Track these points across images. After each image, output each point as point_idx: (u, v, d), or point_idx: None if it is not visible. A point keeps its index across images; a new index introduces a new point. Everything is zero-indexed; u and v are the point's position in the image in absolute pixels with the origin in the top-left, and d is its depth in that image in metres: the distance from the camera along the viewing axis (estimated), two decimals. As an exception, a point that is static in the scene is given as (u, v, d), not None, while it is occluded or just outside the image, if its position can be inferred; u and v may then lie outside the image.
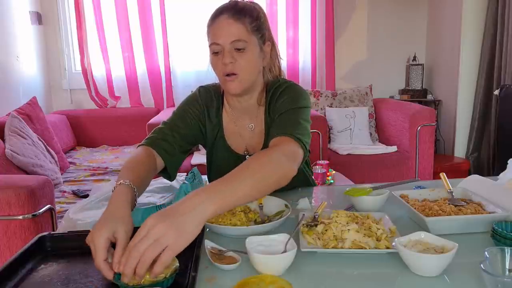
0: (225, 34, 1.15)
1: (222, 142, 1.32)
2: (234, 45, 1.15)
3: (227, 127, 1.32)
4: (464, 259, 0.83)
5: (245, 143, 1.31)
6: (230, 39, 1.14)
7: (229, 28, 1.15)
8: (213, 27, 1.17)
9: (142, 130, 3.05)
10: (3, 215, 1.68)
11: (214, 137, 1.33)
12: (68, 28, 3.72)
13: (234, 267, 0.84)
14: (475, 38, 3.40)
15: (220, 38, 1.15)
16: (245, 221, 1.05)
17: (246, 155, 1.30)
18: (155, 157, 1.17)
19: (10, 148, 2.34)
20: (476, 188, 1.15)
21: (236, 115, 1.32)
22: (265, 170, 0.92)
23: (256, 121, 1.30)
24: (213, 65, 1.21)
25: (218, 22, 1.16)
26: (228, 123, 1.32)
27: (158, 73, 3.69)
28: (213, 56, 1.19)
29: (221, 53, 1.16)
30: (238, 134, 1.32)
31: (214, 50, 1.17)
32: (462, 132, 3.54)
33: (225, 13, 1.16)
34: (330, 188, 1.38)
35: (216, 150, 1.33)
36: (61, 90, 3.78)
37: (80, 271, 0.87)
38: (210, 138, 1.34)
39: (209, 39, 1.19)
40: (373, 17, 3.88)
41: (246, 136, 1.31)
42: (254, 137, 1.30)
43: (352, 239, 0.90)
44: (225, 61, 1.15)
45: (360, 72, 3.92)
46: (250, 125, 1.30)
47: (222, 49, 1.16)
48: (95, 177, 2.77)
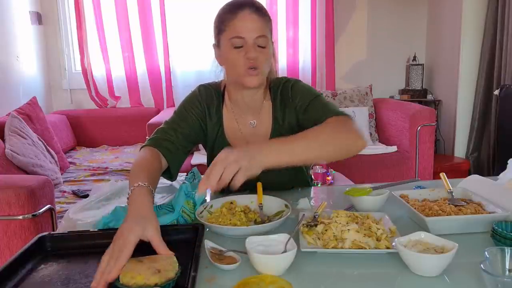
0: (250, 28, 1.14)
1: (223, 140, 1.31)
2: (257, 41, 1.15)
3: (227, 124, 1.32)
4: (464, 259, 0.83)
5: (245, 140, 1.31)
6: (255, 34, 1.15)
7: (254, 23, 1.15)
8: (236, 20, 1.15)
9: (142, 130, 3.06)
10: (3, 215, 1.68)
11: (215, 135, 1.33)
12: (68, 28, 3.72)
13: (234, 267, 0.84)
14: (475, 38, 3.40)
15: (245, 32, 1.14)
16: (245, 221, 1.05)
17: None
18: (160, 158, 1.18)
19: (10, 148, 2.34)
20: (476, 188, 1.15)
21: (237, 111, 1.31)
22: (338, 135, 1.08)
23: (259, 117, 1.30)
24: (231, 59, 1.18)
25: (242, 16, 1.15)
26: (228, 121, 1.32)
27: (158, 73, 3.69)
28: (233, 50, 1.16)
29: (243, 47, 1.15)
30: (239, 131, 1.31)
31: (236, 44, 1.15)
32: (462, 132, 3.54)
33: (248, 8, 1.15)
34: (330, 188, 1.38)
35: (217, 148, 1.31)
36: (61, 90, 3.78)
37: (80, 271, 0.87)
38: (211, 136, 1.33)
39: (226, 32, 1.17)
40: (373, 17, 3.87)
41: (247, 133, 1.31)
42: (256, 133, 1.30)
43: (352, 239, 0.90)
44: (251, 55, 1.14)
45: (360, 72, 3.92)
46: (251, 121, 1.31)
47: (244, 43, 1.15)
48: (95, 177, 2.77)
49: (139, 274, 0.75)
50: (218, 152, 1.08)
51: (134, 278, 0.75)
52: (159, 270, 0.76)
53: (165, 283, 0.75)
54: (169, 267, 0.78)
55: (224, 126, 1.32)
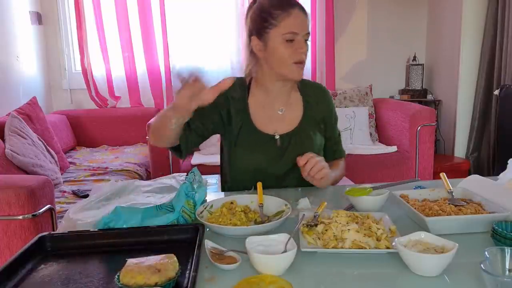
0: (303, 25, 1.29)
1: (249, 124, 1.39)
2: (305, 36, 1.30)
3: (254, 111, 1.41)
4: (464, 259, 0.83)
5: (274, 125, 1.40)
6: (306, 31, 1.30)
7: (305, 21, 1.30)
8: (291, 17, 1.27)
9: (142, 130, 3.05)
10: (3, 215, 1.68)
11: (240, 120, 1.40)
12: (68, 28, 3.72)
13: (234, 267, 0.84)
14: (475, 38, 3.40)
15: (300, 28, 1.28)
16: (245, 221, 1.05)
17: (275, 135, 1.39)
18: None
19: (10, 148, 2.34)
20: (476, 188, 1.15)
21: (266, 99, 1.42)
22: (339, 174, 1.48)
23: (288, 105, 1.43)
24: (280, 53, 1.29)
25: (296, 14, 1.28)
26: (255, 108, 1.41)
27: (158, 73, 3.69)
28: (284, 44, 1.28)
29: (294, 42, 1.28)
30: (267, 118, 1.41)
31: (288, 38, 1.27)
32: (462, 132, 3.54)
33: (298, 7, 1.29)
34: (330, 188, 1.38)
35: (244, 132, 1.39)
36: (61, 90, 3.78)
37: (80, 271, 0.87)
38: (235, 122, 1.40)
39: (278, 27, 1.27)
40: (373, 17, 3.87)
41: (275, 118, 1.41)
42: (284, 119, 1.42)
43: (352, 239, 0.90)
44: (303, 49, 1.29)
45: (360, 72, 3.92)
46: (281, 108, 1.42)
47: (294, 37, 1.28)
48: (95, 177, 2.77)
49: (139, 274, 0.75)
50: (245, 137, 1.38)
51: (134, 278, 0.75)
52: (159, 270, 0.76)
53: (165, 282, 0.75)
54: (169, 266, 0.78)
55: (251, 112, 1.40)
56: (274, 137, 1.38)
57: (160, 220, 1.05)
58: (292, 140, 1.38)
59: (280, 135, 1.39)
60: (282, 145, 1.38)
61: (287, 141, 1.38)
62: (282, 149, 1.38)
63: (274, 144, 1.38)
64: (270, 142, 1.38)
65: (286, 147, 1.38)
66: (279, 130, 1.40)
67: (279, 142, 1.38)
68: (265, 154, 1.37)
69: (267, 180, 1.30)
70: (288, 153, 1.37)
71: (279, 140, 1.38)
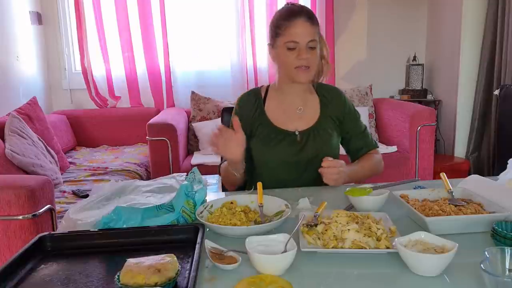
0: (304, 34, 1.38)
1: (268, 123, 1.53)
2: (309, 44, 1.39)
3: (272, 111, 1.54)
4: (464, 259, 0.83)
5: (293, 122, 1.53)
6: (308, 39, 1.39)
7: (307, 29, 1.39)
8: (291, 27, 1.39)
9: (142, 130, 3.05)
10: (3, 215, 1.68)
11: (257, 123, 1.53)
12: (68, 28, 3.72)
13: (234, 267, 0.84)
14: (475, 38, 3.40)
15: (299, 37, 1.38)
16: (245, 221, 1.05)
17: (296, 132, 1.51)
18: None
19: (10, 148, 2.34)
20: (476, 188, 1.15)
21: (285, 101, 1.54)
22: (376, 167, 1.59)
23: (306, 105, 1.55)
24: (284, 58, 1.42)
25: (296, 24, 1.38)
26: (273, 108, 1.55)
27: (158, 73, 3.69)
28: (287, 51, 1.40)
29: (296, 49, 1.39)
30: (287, 117, 1.53)
31: (290, 46, 1.39)
32: (462, 132, 3.54)
33: (302, 16, 1.39)
34: (330, 188, 1.38)
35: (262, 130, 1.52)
36: (61, 90, 3.78)
37: (80, 271, 0.87)
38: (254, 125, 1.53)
39: (282, 36, 1.40)
40: (373, 17, 3.87)
41: (294, 117, 1.53)
42: (303, 117, 1.54)
43: (352, 239, 0.90)
44: (303, 56, 1.38)
45: (360, 72, 3.91)
46: (300, 107, 1.54)
47: (297, 46, 1.39)
48: (95, 177, 2.77)
49: (139, 273, 0.75)
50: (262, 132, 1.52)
51: (134, 278, 0.75)
52: (159, 270, 0.76)
53: (165, 282, 0.75)
54: (169, 266, 0.78)
55: (269, 115, 1.53)
56: (295, 133, 1.51)
57: (160, 220, 1.05)
58: (310, 135, 1.52)
59: (299, 132, 1.51)
60: (301, 140, 1.51)
61: (306, 136, 1.51)
62: (302, 144, 1.51)
63: (295, 140, 1.51)
64: (290, 138, 1.51)
65: (306, 142, 1.51)
66: (299, 127, 1.52)
67: (299, 137, 1.51)
68: (286, 149, 1.50)
69: (291, 171, 1.50)
70: (308, 146, 1.50)
71: (299, 136, 1.51)
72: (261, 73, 3.73)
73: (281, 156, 1.50)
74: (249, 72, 3.70)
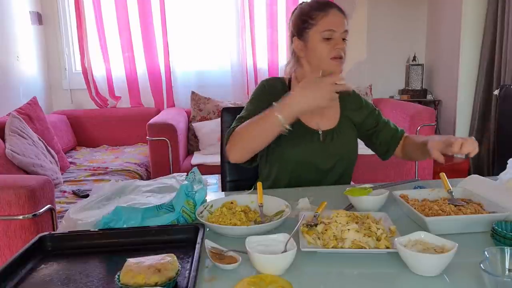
0: (340, 24, 1.38)
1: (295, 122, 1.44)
2: (343, 34, 1.38)
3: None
4: (464, 259, 0.83)
5: (315, 119, 1.48)
6: (343, 29, 1.38)
7: (342, 20, 1.39)
8: (329, 16, 1.37)
9: (142, 130, 3.06)
10: (3, 215, 1.68)
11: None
12: (68, 28, 3.72)
13: (234, 267, 0.84)
14: (475, 38, 3.40)
15: (336, 26, 1.37)
16: (245, 221, 1.05)
17: (318, 130, 1.47)
18: None
19: (10, 148, 2.34)
20: (476, 188, 1.15)
21: None
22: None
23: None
24: (319, 49, 1.38)
25: (333, 13, 1.38)
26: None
27: (158, 73, 3.69)
28: (322, 42, 1.37)
29: (332, 39, 1.37)
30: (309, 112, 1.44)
31: (326, 36, 1.37)
32: (462, 132, 3.54)
33: (336, 7, 1.39)
34: (330, 188, 1.38)
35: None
36: (61, 90, 3.78)
37: (80, 271, 0.87)
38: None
39: (317, 26, 1.37)
40: (373, 17, 3.88)
41: (316, 113, 1.47)
42: (324, 115, 1.49)
43: (352, 239, 0.90)
44: (340, 46, 1.37)
45: (360, 72, 3.92)
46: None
47: (332, 35, 1.36)
48: (95, 177, 2.77)
49: (139, 273, 0.75)
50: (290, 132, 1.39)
51: (134, 278, 0.75)
52: (159, 270, 0.76)
53: (165, 282, 0.75)
54: (169, 266, 0.78)
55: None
56: (318, 132, 1.47)
57: (160, 220, 1.05)
58: (334, 137, 1.48)
59: (322, 131, 1.47)
60: (324, 140, 1.47)
61: (330, 138, 1.47)
62: (325, 145, 1.46)
63: (318, 139, 1.46)
64: (313, 136, 1.46)
65: (329, 143, 1.47)
66: (321, 126, 1.48)
67: (322, 137, 1.47)
68: (308, 146, 1.45)
69: (310, 174, 1.45)
70: (331, 149, 1.46)
71: (322, 135, 1.47)
72: (261, 73, 3.73)
73: (302, 153, 1.44)
74: (249, 72, 3.70)
